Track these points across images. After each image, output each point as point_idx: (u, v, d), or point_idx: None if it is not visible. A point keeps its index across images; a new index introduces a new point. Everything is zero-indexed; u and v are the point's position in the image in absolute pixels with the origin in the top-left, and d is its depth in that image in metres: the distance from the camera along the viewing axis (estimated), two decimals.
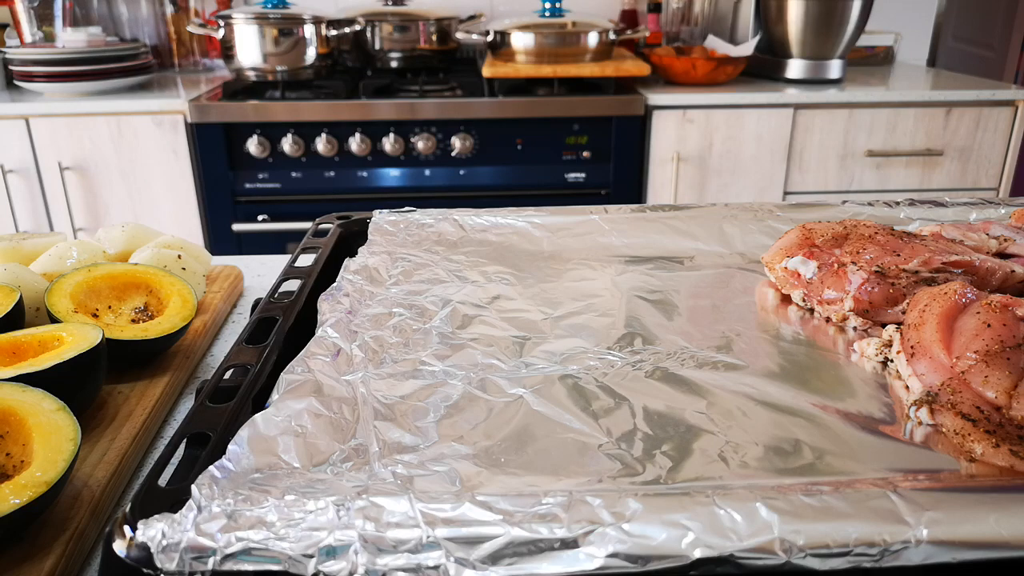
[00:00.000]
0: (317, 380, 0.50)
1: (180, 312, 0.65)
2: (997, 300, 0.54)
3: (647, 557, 0.35)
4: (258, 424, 0.44)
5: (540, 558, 0.35)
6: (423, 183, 2.12)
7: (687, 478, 0.43)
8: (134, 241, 0.78)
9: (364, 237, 0.76)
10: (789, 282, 0.67)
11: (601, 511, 0.37)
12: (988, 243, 0.69)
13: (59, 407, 0.48)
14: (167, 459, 0.43)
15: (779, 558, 0.35)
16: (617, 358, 0.56)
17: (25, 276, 0.67)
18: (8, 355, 0.57)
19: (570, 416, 0.49)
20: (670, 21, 2.63)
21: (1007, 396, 0.47)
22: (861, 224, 0.69)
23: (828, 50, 2.26)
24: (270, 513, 0.37)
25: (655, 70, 2.23)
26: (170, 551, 0.35)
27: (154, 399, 0.60)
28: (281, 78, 2.13)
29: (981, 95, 2.18)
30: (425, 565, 0.35)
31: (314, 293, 0.63)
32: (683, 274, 0.71)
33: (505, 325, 0.61)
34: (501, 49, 2.19)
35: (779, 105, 2.14)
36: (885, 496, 0.38)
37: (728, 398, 0.51)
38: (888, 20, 2.68)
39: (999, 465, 0.44)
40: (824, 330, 0.62)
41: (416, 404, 0.50)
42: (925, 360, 0.52)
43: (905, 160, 2.24)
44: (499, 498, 0.38)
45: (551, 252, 0.76)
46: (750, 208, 0.82)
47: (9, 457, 0.47)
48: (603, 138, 2.11)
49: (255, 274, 0.90)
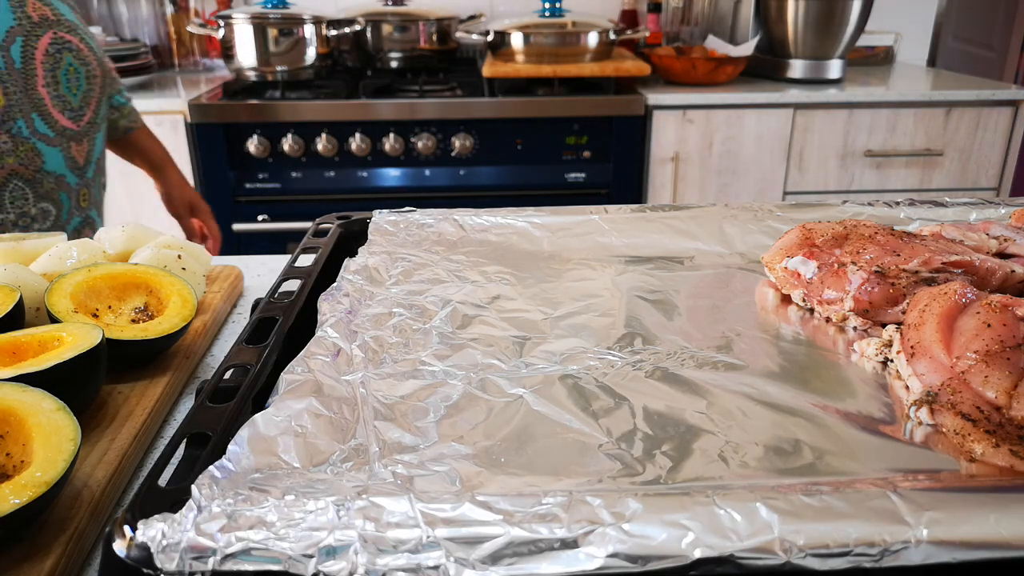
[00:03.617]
0: (317, 380, 0.50)
1: (180, 312, 0.65)
2: (997, 300, 0.54)
3: (647, 557, 0.35)
4: (258, 424, 0.44)
5: (540, 558, 0.35)
6: (423, 183, 2.12)
7: (687, 478, 0.43)
8: (134, 241, 0.78)
9: (364, 237, 0.76)
10: (789, 282, 0.67)
11: (601, 511, 0.37)
12: (988, 243, 0.69)
13: (59, 407, 0.48)
14: (167, 459, 0.43)
15: (779, 558, 0.35)
16: (617, 358, 0.56)
17: (25, 276, 0.67)
18: (8, 355, 0.57)
19: (570, 416, 0.49)
20: (670, 21, 2.63)
21: (1007, 396, 0.47)
22: (861, 224, 0.69)
23: (828, 50, 2.26)
24: (270, 513, 0.37)
25: (655, 70, 2.23)
26: (170, 551, 0.35)
27: (154, 399, 0.60)
28: (281, 78, 2.13)
29: (981, 95, 2.18)
30: (425, 565, 0.35)
31: (314, 293, 0.63)
32: (683, 274, 0.71)
33: (505, 325, 0.61)
34: (501, 49, 2.19)
35: (779, 105, 2.14)
36: (885, 496, 0.38)
37: (728, 398, 0.51)
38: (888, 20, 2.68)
39: (999, 465, 0.44)
40: (824, 330, 0.62)
41: (416, 404, 0.50)
42: (925, 360, 0.52)
43: (905, 160, 2.24)
44: (499, 498, 0.38)
45: (551, 252, 0.76)
46: (750, 208, 0.82)
47: (9, 457, 0.47)
48: (603, 138, 2.11)
49: (255, 274, 0.90)
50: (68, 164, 1.18)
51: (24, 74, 1.11)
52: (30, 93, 1.11)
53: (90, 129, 1.22)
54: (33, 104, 1.12)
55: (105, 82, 1.26)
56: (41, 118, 1.13)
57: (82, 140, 1.20)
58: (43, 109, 1.13)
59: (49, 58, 1.14)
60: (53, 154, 1.15)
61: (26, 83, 1.11)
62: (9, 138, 1.09)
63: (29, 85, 1.11)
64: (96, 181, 1.27)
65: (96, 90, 1.22)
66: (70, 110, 1.17)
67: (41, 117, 1.13)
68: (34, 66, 1.12)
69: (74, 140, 1.18)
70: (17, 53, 1.10)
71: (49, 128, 1.14)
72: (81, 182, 1.21)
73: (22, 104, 1.10)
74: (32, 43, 1.12)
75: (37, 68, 1.12)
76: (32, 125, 1.12)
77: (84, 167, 1.22)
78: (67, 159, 1.18)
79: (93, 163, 1.25)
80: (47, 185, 1.15)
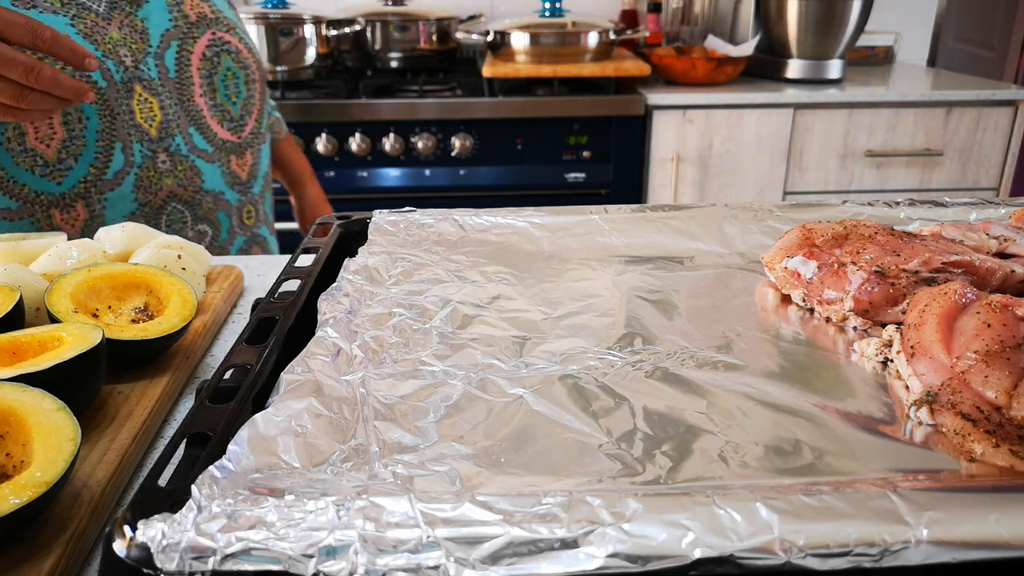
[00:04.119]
0: (317, 380, 0.50)
1: (180, 312, 0.65)
2: (997, 300, 0.54)
3: (647, 557, 0.35)
4: (258, 424, 0.44)
5: (540, 558, 0.35)
6: (423, 183, 2.12)
7: (687, 478, 0.43)
8: (134, 241, 0.78)
9: (364, 237, 0.76)
10: (789, 282, 0.67)
11: (601, 511, 0.37)
12: (988, 243, 0.69)
13: (59, 407, 0.48)
14: (167, 459, 0.43)
15: (779, 558, 0.35)
16: (617, 358, 0.56)
17: (25, 276, 0.67)
18: (8, 355, 0.57)
19: (570, 416, 0.49)
20: (670, 21, 2.63)
21: (1007, 396, 0.47)
22: (861, 224, 0.69)
23: (828, 50, 2.26)
24: (270, 513, 0.37)
25: (655, 70, 2.23)
26: (170, 551, 0.35)
27: (154, 399, 0.60)
28: (281, 78, 2.13)
29: (981, 95, 2.18)
30: (425, 565, 0.35)
31: (314, 293, 0.63)
32: (683, 274, 0.71)
33: (505, 325, 0.61)
34: (501, 49, 2.19)
35: (779, 105, 2.14)
36: (885, 496, 0.37)
37: (728, 398, 0.51)
38: (888, 20, 2.68)
39: (999, 465, 0.44)
40: (824, 330, 0.62)
41: (416, 404, 0.50)
42: (925, 360, 0.52)
43: (905, 160, 2.24)
44: (499, 498, 0.38)
45: (551, 252, 0.76)
46: (750, 208, 0.82)
47: (9, 457, 0.47)
48: (603, 138, 2.11)
49: (255, 274, 0.90)
50: (227, 180, 1.06)
51: (179, 84, 0.99)
52: (187, 105, 1.00)
53: (253, 140, 1.10)
54: (191, 117, 1.00)
55: (263, 86, 1.12)
56: (200, 132, 1.01)
57: (244, 153, 1.08)
58: (201, 122, 1.02)
59: (206, 63, 1.01)
60: (212, 171, 1.04)
61: (181, 94, 0.99)
62: (168, 157, 0.98)
63: (185, 96, 1.00)
64: (263, 197, 1.16)
65: (256, 96, 1.10)
66: (230, 120, 1.05)
67: (199, 131, 1.01)
68: (190, 73, 1.00)
69: (235, 153, 1.07)
70: (171, 60, 0.98)
71: (208, 142, 1.02)
72: (244, 199, 1.10)
73: (179, 118, 0.99)
74: (188, 47, 1.00)
75: (193, 75, 1.00)
76: (191, 141, 1.00)
77: (248, 182, 1.09)
78: (226, 175, 1.06)
79: (259, 177, 1.12)
80: (205, 205, 1.04)
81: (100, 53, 0.93)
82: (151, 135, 0.97)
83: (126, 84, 0.95)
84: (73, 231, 0.97)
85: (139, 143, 0.97)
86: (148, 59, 0.97)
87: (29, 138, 0.91)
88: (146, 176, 0.98)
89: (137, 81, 0.96)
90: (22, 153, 0.91)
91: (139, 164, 0.97)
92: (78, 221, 0.97)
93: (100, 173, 0.95)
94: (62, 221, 0.96)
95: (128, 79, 0.95)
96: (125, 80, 0.95)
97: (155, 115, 0.97)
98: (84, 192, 0.95)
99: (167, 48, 0.98)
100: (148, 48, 0.97)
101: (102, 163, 0.95)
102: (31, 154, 0.92)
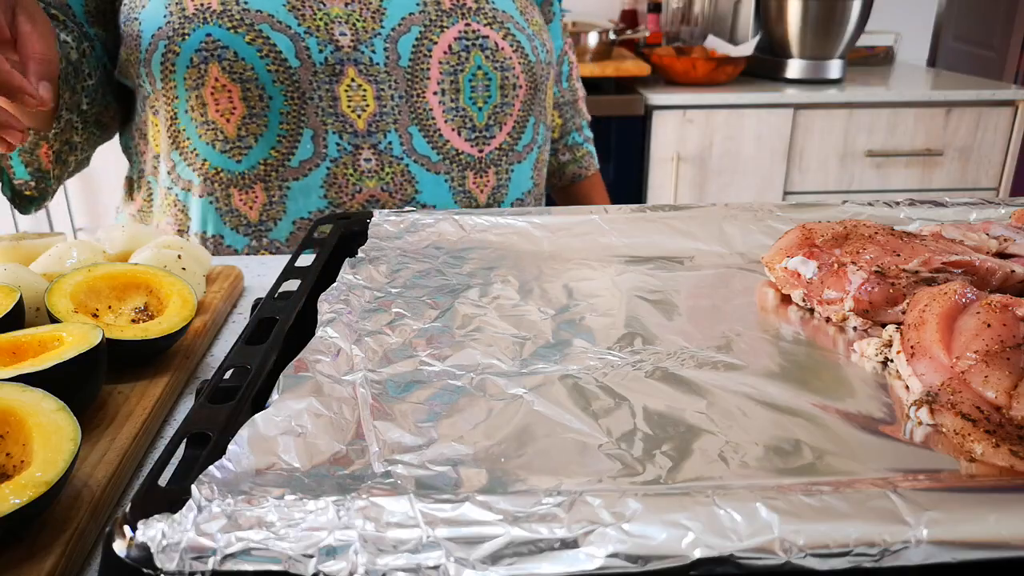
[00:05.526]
0: (317, 380, 0.50)
1: (180, 312, 0.65)
2: (997, 300, 0.54)
3: (647, 557, 0.35)
4: (258, 424, 0.44)
5: (540, 558, 0.35)
6: None
7: (687, 478, 0.43)
8: (134, 241, 0.78)
9: (364, 237, 0.76)
10: (789, 282, 0.67)
11: (601, 511, 0.37)
12: (988, 243, 0.69)
13: (59, 407, 0.48)
14: (167, 459, 0.43)
15: (779, 558, 0.35)
16: (617, 358, 0.56)
17: (25, 276, 0.67)
18: (8, 355, 0.57)
19: (570, 416, 0.49)
20: (670, 21, 2.63)
21: (1007, 396, 0.47)
22: (861, 224, 0.69)
23: (828, 50, 2.26)
24: (270, 513, 0.37)
25: (655, 70, 2.23)
26: (170, 551, 0.35)
27: (154, 399, 0.60)
28: None
29: (981, 95, 2.18)
30: (425, 565, 0.35)
31: (314, 293, 0.63)
32: (683, 274, 0.71)
33: (505, 325, 0.61)
34: None
35: (779, 105, 2.14)
36: (885, 496, 0.37)
37: (728, 398, 0.51)
38: (888, 20, 2.68)
39: (999, 465, 0.44)
40: (824, 330, 0.62)
41: (416, 404, 0.50)
42: (925, 360, 0.52)
43: (905, 160, 2.24)
44: (499, 498, 0.38)
45: (551, 252, 0.76)
46: (750, 208, 0.82)
47: (9, 457, 0.47)
48: (603, 138, 2.11)
49: (255, 274, 0.90)
50: (457, 198, 0.91)
51: (411, 75, 0.86)
52: (414, 101, 0.87)
53: (502, 158, 0.94)
54: (415, 115, 0.88)
55: (537, 99, 0.95)
56: (423, 134, 0.88)
57: (486, 171, 0.93)
58: (428, 123, 0.88)
59: (451, 57, 0.87)
60: (433, 183, 0.90)
61: (411, 87, 0.87)
62: (373, 154, 0.87)
63: (415, 90, 0.87)
64: None
65: (516, 105, 0.93)
66: (470, 129, 0.90)
67: (424, 132, 0.88)
68: (427, 66, 0.87)
69: (472, 170, 0.92)
70: (407, 47, 0.86)
71: (432, 148, 0.89)
72: None
73: (399, 113, 0.87)
74: (432, 35, 0.87)
75: (431, 68, 0.87)
76: (409, 142, 0.87)
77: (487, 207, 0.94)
78: (456, 192, 0.91)
79: (505, 204, 0.96)
80: None
81: (302, 28, 0.83)
82: (356, 127, 0.86)
83: (332, 66, 0.84)
84: (252, 214, 0.88)
85: (337, 134, 0.86)
86: (375, 40, 0.85)
87: (210, 110, 0.85)
88: (342, 173, 0.87)
89: (352, 64, 0.84)
90: (204, 124, 0.85)
91: (334, 158, 0.86)
92: (256, 203, 0.88)
93: (283, 158, 0.86)
94: (240, 202, 0.87)
95: (338, 60, 0.84)
96: (332, 62, 0.84)
97: (367, 104, 0.85)
98: (264, 175, 0.87)
99: (405, 32, 0.86)
100: (379, 29, 0.85)
101: (286, 148, 0.86)
102: (212, 127, 0.85)
